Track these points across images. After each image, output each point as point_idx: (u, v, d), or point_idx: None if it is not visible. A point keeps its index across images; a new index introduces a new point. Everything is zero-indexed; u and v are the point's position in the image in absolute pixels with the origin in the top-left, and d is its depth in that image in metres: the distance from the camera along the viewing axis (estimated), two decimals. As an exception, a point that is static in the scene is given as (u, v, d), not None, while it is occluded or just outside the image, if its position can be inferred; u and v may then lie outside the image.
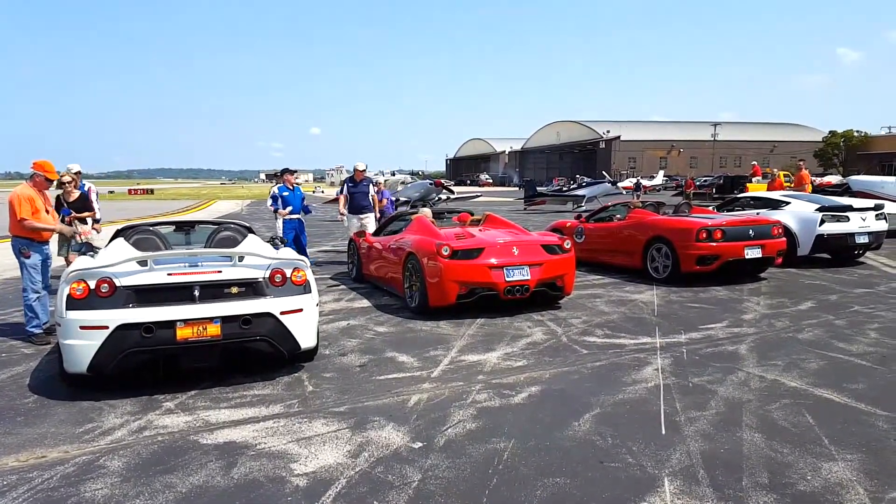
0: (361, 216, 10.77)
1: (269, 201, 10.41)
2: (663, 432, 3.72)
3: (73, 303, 4.31)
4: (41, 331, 6.01)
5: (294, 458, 3.45)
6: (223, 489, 3.10)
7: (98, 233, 9.12)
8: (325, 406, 4.25)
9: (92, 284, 4.33)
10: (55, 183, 6.84)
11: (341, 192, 11.19)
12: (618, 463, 3.33)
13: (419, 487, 3.09)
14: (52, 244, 6.38)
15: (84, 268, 4.48)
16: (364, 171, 11.00)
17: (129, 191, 63.06)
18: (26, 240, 6.01)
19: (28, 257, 5.99)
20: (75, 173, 8.65)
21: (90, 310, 4.29)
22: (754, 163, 31.78)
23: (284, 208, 10.24)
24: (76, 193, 8.45)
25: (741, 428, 3.76)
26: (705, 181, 29.83)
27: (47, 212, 6.20)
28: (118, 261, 4.51)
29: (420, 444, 3.59)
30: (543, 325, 6.44)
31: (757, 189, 26.68)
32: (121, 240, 5.63)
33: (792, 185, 18.07)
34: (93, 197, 8.90)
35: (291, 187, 10.41)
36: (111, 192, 64.81)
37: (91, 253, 5.54)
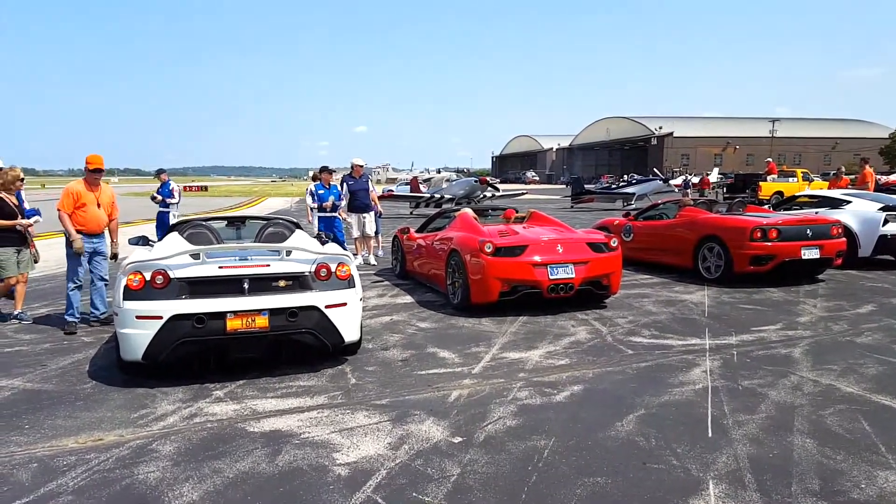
0: (363, 215, 10.75)
1: (309, 198, 10.46)
2: (710, 435, 3.62)
3: (130, 293, 4.50)
4: (74, 320, 6.24)
5: (336, 448, 3.51)
6: (268, 476, 3.19)
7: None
8: (368, 398, 4.31)
9: (147, 276, 4.51)
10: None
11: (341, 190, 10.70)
12: (661, 464, 3.26)
13: (458, 481, 3.11)
14: (106, 237, 6.58)
15: (140, 260, 4.67)
16: (363, 166, 10.84)
17: (185, 187, 65.27)
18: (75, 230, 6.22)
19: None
20: None
21: (146, 300, 4.47)
22: (769, 160, 29.64)
23: (320, 206, 10.35)
24: None
25: (792, 433, 3.63)
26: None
27: (98, 206, 6.33)
28: (172, 253, 4.69)
29: (460, 439, 3.60)
30: (588, 325, 6.36)
31: (771, 188, 25.36)
32: (175, 234, 5.85)
33: (855, 184, 17.28)
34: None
35: (328, 185, 10.45)
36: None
37: (148, 246, 5.77)
